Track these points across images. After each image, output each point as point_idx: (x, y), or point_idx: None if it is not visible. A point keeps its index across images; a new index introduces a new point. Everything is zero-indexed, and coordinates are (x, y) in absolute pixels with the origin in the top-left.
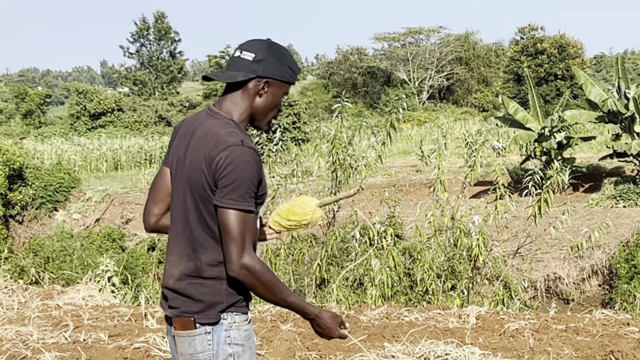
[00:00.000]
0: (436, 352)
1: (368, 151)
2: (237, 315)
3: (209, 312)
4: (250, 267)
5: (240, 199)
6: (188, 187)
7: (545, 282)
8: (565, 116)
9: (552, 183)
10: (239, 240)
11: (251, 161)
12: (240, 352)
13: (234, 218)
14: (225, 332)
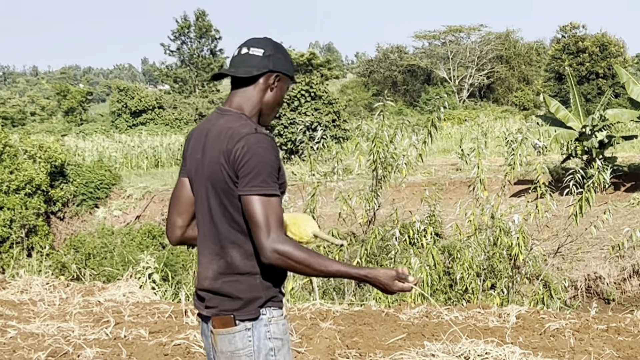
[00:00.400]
0: (476, 351)
1: (409, 149)
2: (275, 310)
3: (248, 308)
4: (282, 250)
5: (263, 184)
6: (210, 186)
7: (585, 282)
8: (607, 115)
9: (594, 182)
10: (265, 225)
11: (268, 147)
12: (280, 346)
13: (259, 203)
14: (265, 327)
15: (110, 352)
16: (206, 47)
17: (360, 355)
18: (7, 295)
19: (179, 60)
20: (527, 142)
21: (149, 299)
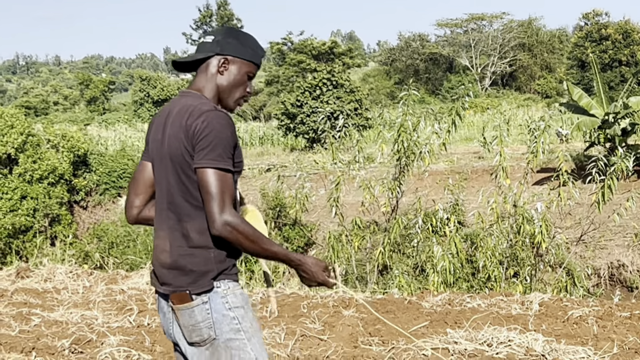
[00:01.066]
0: (499, 339)
1: (432, 138)
2: (230, 282)
3: (201, 281)
4: (233, 223)
5: (219, 158)
6: (169, 161)
7: (608, 270)
8: (630, 102)
9: (616, 170)
10: (219, 198)
11: (225, 123)
12: (243, 314)
13: (213, 176)
14: (222, 299)
15: (133, 340)
16: None
17: (383, 343)
18: (31, 284)
19: None
20: (550, 130)
21: None
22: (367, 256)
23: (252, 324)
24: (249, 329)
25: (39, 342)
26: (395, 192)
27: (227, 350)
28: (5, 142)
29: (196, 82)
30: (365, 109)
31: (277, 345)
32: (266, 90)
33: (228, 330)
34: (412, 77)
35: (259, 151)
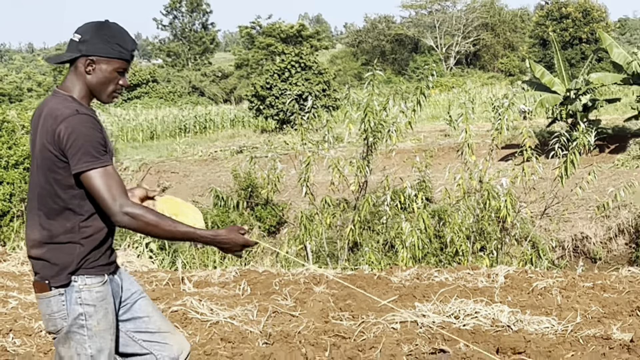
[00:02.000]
0: (466, 311)
1: (398, 117)
2: (89, 278)
3: (60, 275)
4: (131, 212)
5: (93, 159)
6: (38, 163)
7: (572, 242)
8: (591, 79)
9: (578, 144)
10: (109, 193)
11: (87, 124)
12: (92, 312)
13: (95, 176)
14: (76, 293)
15: None
16: (197, 21)
17: (354, 318)
18: (8, 267)
19: (172, 34)
20: (514, 107)
21: (146, 268)
22: (338, 234)
23: (100, 323)
24: (93, 327)
25: (16, 324)
26: (363, 171)
27: (67, 341)
28: None
29: (66, 82)
30: (333, 90)
31: (250, 322)
32: (236, 74)
33: (73, 323)
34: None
35: (230, 133)
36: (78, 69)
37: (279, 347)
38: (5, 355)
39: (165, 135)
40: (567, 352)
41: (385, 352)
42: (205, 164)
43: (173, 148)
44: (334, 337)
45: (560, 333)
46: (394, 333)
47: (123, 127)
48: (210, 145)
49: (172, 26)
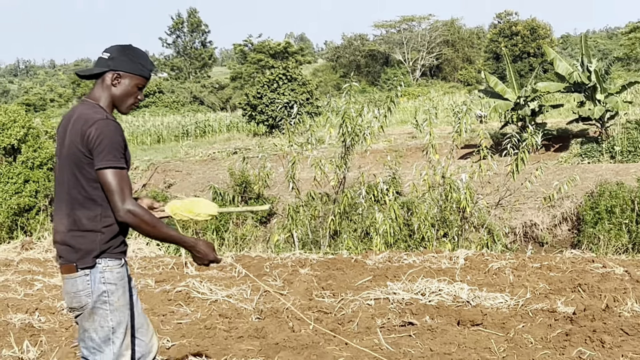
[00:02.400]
0: (431, 289)
1: (372, 122)
2: (110, 260)
3: (86, 258)
4: (133, 211)
5: (114, 159)
6: (67, 160)
7: (522, 228)
8: (538, 87)
9: (527, 144)
10: (119, 191)
11: (114, 130)
12: (114, 290)
13: (112, 175)
14: (100, 274)
15: None
16: (197, 40)
17: (334, 295)
18: (34, 254)
19: (175, 51)
20: (471, 112)
21: (154, 254)
22: (320, 223)
23: (119, 299)
24: (115, 303)
25: (41, 304)
26: (342, 169)
27: (91, 315)
28: (9, 135)
29: (93, 92)
30: (315, 98)
31: (244, 300)
32: (231, 85)
33: (97, 300)
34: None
35: (227, 137)
36: (105, 82)
37: (269, 322)
38: (32, 330)
39: (170, 139)
40: (519, 324)
41: (361, 324)
42: (205, 164)
43: (177, 150)
44: (317, 312)
45: (513, 307)
46: (369, 308)
47: (133, 132)
48: (209, 147)
49: (175, 44)
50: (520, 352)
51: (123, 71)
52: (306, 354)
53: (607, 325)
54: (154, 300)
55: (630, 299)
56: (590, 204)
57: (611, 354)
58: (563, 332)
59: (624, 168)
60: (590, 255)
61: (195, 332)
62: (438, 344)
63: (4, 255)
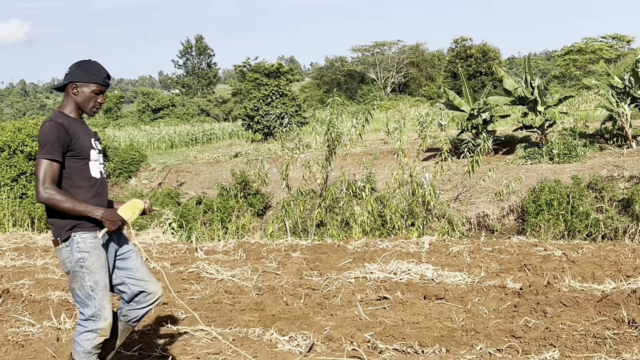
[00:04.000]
0: (401, 269)
1: (351, 130)
2: (84, 233)
3: (63, 233)
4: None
5: (44, 152)
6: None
7: (476, 219)
8: (489, 100)
9: (481, 149)
10: (43, 178)
11: (50, 128)
12: (87, 256)
13: (39, 164)
14: (76, 244)
15: None
16: (204, 62)
17: (321, 274)
18: None
19: (185, 71)
20: (434, 122)
21: (169, 241)
22: (308, 215)
23: (94, 264)
24: (90, 267)
25: None
26: (326, 169)
27: (74, 277)
28: None
29: (63, 101)
30: (303, 110)
31: (245, 279)
32: (232, 100)
33: (75, 265)
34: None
35: (229, 143)
36: (68, 92)
37: (267, 297)
38: (68, 305)
39: (181, 145)
40: (475, 297)
41: (344, 299)
42: (211, 165)
43: (187, 154)
44: (307, 289)
45: (470, 284)
46: (350, 285)
47: (151, 139)
48: (214, 151)
49: (185, 65)
50: (477, 321)
51: (80, 81)
52: (298, 324)
53: (549, 298)
54: (170, 279)
55: (567, 277)
56: (533, 198)
57: (552, 322)
58: (512, 304)
59: (561, 168)
60: (534, 240)
61: (205, 306)
62: (408, 315)
63: (43, 242)
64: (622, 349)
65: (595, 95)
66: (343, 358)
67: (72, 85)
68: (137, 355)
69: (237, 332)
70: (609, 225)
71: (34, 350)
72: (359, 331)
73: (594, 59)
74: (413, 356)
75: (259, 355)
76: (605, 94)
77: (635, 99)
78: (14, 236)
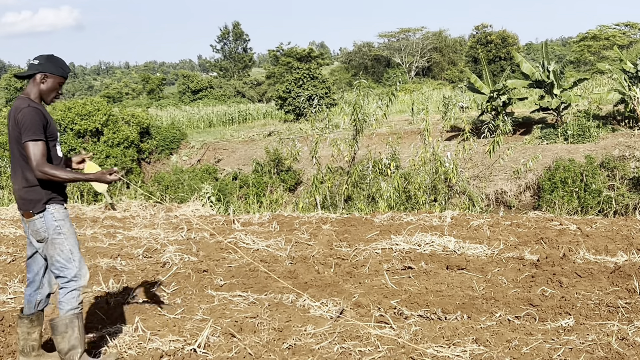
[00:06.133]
0: (425, 241)
1: (377, 111)
2: (57, 205)
3: (38, 205)
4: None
5: (32, 135)
6: (12, 138)
7: (495, 195)
8: (507, 84)
9: (500, 129)
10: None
11: (33, 113)
12: (63, 224)
13: (31, 146)
14: (51, 214)
15: (185, 247)
16: (240, 47)
17: (349, 245)
18: (114, 214)
19: (222, 55)
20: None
21: (208, 213)
22: (337, 190)
23: (69, 230)
24: (66, 233)
25: (122, 251)
26: (353, 147)
27: (52, 245)
28: (94, 120)
29: (27, 89)
30: (332, 93)
31: (280, 249)
32: (266, 82)
33: (53, 232)
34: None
35: (263, 122)
36: (36, 81)
37: (299, 266)
38: (115, 272)
39: (218, 124)
40: (494, 268)
41: (371, 268)
42: (246, 144)
43: (224, 133)
44: (336, 259)
45: (489, 255)
46: (377, 256)
47: (190, 118)
48: (249, 130)
49: (222, 50)
50: (496, 290)
51: (50, 73)
52: (329, 291)
53: (564, 269)
54: (209, 248)
55: (582, 249)
56: (548, 176)
57: (567, 292)
58: (529, 275)
59: (575, 148)
60: (550, 215)
61: (242, 274)
62: (432, 283)
63: (92, 214)
64: (634, 317)
65: (608, 80)
66: (371, 323)
67: (42, 75)
68: (180, 318)
69: (272, 297)
70: (620, 202)
71: (85, 312)
72: (385, 298)
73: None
74: (436, 322)
75: (292, 319)
76: (618, 78)
77: None
78: None
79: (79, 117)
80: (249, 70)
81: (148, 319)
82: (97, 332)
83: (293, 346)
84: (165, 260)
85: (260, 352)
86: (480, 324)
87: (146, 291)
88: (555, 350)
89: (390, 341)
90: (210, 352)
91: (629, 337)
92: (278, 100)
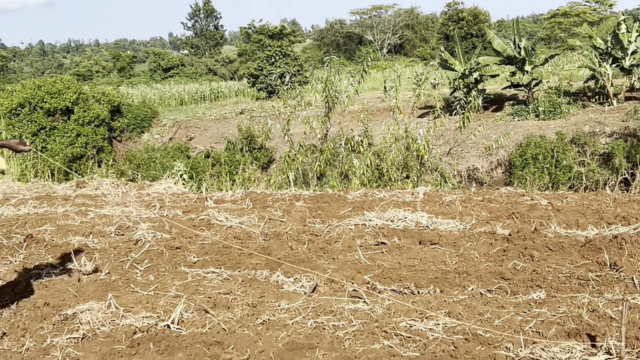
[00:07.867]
0: (398, 216)
1: (348, 88)
2: None
3: None
4: None
5: None
6: None
7: (467, 172)
8: (479, 61)
9: (472, 106)
10: None
11: None
12: None
13: None
14: None
15: (157, 225)
16: (211, 24)
17: (322, 222)
18: (86, 191)
19: (194, 33)
20: (427, 80)
21: (181, 191)
22: (309, 167)
23: None
24: None
25: (94, 229)
26: (326, 124)
27: None
28: (64, 98)
29: None
30: (304, 70)
31: (253, 226)
32: (238, 60)
33: None
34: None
35: (235, 100)
36: None
37: (273, 242)
38: (87, 249)
39: (190, 102)
40: (467, 243)
41: (344, 244)
42: (218, 122)
43: (196, 111)
44: (310, 235)
45: (462, 230)
46: (350, 232)
47: (162, 96)
48: (221, 108)
49: (194, 27)
50: (468, 264)
51: None
52: (302, 267)
53: (536, 243)
54: (182, 225)
55: (553, 224)
56: (520, 152)
57: (539, 265)
58: (501, 249)
59: (546, 124)
60: (521, 191)
61: (215, 250)
62: (405, 258)
63: (63, 192)
64: (604, 290)
65: (579, 56)
66: (345, 297)
67: None
68: (153, 295)
69: (246, 274)
70: (591, 177)
71: (57, 290)
72: (359, 273)
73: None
74: (409, 296)
75: (266, 295)
76: (589, 54)
77: (616, 59)
78: (35, 186)
79: (49, 96)
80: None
81: (121, 295)
82: (70, 309)
83: (267, 321)
84: (137, 237)
85: (234, 327)
86: (453, 297)
87: (119, 268)
88: (527, 322)
89: (364, 315)
90: (184, 327)
91: (599, 309)
92: (250, 78)
